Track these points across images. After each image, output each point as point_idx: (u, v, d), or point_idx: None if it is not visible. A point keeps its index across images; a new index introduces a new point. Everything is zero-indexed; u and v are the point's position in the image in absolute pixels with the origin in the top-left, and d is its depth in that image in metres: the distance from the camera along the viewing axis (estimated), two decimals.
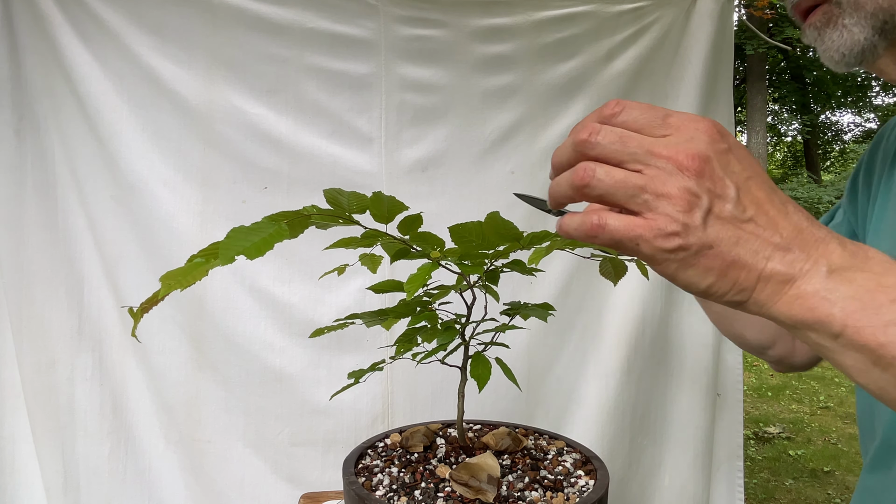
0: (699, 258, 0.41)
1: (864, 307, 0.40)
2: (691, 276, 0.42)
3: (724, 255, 0.41)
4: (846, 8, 0.61)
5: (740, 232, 0.42)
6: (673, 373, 1.79)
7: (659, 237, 0.41)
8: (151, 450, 1.55)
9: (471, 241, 0.76)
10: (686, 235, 0.41)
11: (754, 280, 0.42)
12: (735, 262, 0.41)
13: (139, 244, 1.52)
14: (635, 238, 0.41)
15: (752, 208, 0.42)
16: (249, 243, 0.54)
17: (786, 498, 3.34)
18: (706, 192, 0.41)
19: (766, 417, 4.59)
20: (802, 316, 0.41)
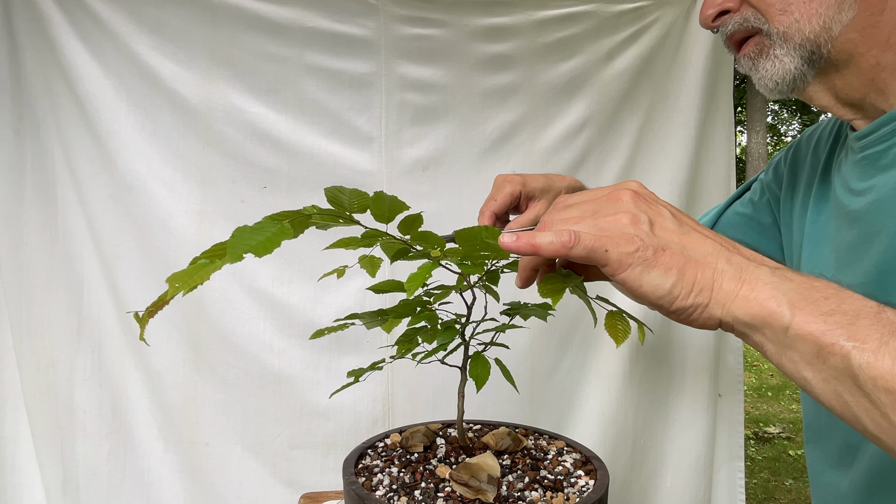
0: (657, 259, 0.48)
1: (805, 299, 0.44)
2: (655, 277, 0.48)
3: (677, 255, 0.48)
4: (776, 39, 0.65)
5: (684, 239, 0.49)
6: (674, 374, 1.79)
7: (621, 243, 0.48)
8: (150, 451, 1.54)
9: (476, 245, 0.76)
10: (641, 240, 0.48)
11: (710, 277, 0.47)
12: (690, 261, 0.48)
13: (138, 244, 1.52)
14: (603, 245, 0.48)
15: (687, 226, 0.50)
16: (256, 241, 0.55)
17: (786, 498, 3.34)
18: (644, 212, 0.50)
19: (766, 417, 4.59)
20: (758, 309, 0.45)
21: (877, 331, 0.41)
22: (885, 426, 0.41)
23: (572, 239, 0.49)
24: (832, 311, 0.43)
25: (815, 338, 0.43)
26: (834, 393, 0.43)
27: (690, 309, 0.48)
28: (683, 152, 1.74)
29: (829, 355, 0.42)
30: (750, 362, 6.04)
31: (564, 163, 1.71)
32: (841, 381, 0.42)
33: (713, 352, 1.78)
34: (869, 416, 0.41)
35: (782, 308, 0.44)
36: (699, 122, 1.74)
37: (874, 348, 0.41)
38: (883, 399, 0.40)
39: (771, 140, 19.23)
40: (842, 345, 0.42)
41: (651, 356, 1.75)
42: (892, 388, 0.39)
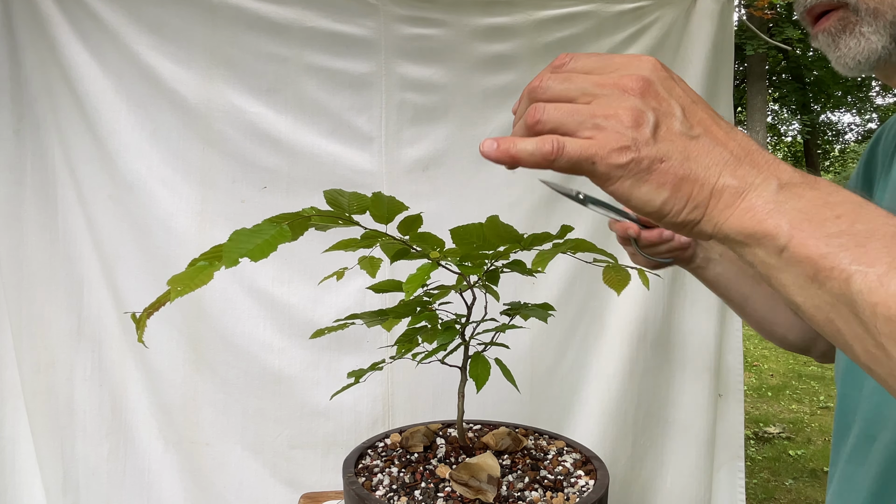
0: (651, 173, 0.43)
1: (810, 220, 0.40)
2: (646, 192, 0.43)
3: (675, 168, 0.43)
4: (864, 16, 0.61)
5: (690, 147, 0.43)
6: (675, 374, 1.79)
7: (612, 153, 0.42)
8: (150, 451, 1.54)
9: (472, 243, 0.76)
10: (637, 149, 0.42)
11: (707, 194, 0.43)
12: (687, 177, 0.43)
13: (138, 244, 1.52)
14: (590, 157, 0.43)
15: (699, 127, 0.44)
16: (253, 245, 0.54)
17: (786, 498, 3.34)
18: (652, 109, 0.43)
19: (766, 417, 4.59)
20: (753, 229, 0.41)
21: (889, 253, 0.37)
22: (878, 356, 0.37)
23: (555, 150, 0.44)
24: (840, 231, 0.39)
25: (812, 261, 0.39)
26: (826, 319, 0.40)
27: (685, 224, 0.45)
28: None
29: (826, 280, 0.38)
30: (750, 362, 6.04)
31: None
32: (836, 308, 0.39)
33: (713, 352, 1.78)
34: (862, 346, 0.38)
35: (780, 229, 0.40)
36: None
37: (881, 272, 0.36)
38: (881, 327, 0.36)
39: (771, 140, 19.23)
40: (843, 268, 0.38)
41: (652, 356, 1.75)
42: (892, 316, 0.36)
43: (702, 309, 1.78)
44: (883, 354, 0.37)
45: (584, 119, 0.44)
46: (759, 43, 10.00)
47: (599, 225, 1.71)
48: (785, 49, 3.22)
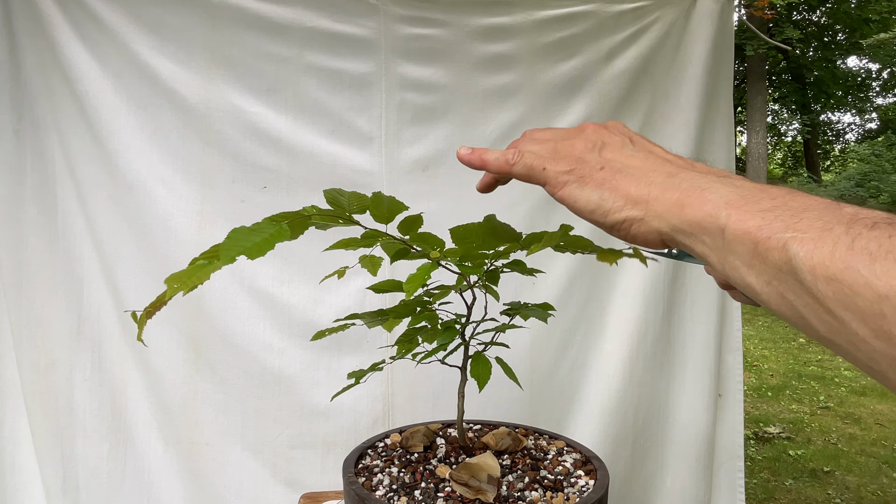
0: (592, 177, 0.50)
1: (747, 200, 0.42)
2: (587, 193, 0.49)
3: (613, 172, 0.49)
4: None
5: (630, 158, 0.50)
6: (675, 374, 1.79)
7: (560, 162, 0.52)
8: (150, 451, 1.54)
9: (471, 243, 0.76)
10: (581, 161, 0.51)
11: (645, 192, 0.47)
12: (625, 176, 0.49)
13: (138, 244, 1.52)
14: (542, 164, 0.52)
15: (643, 150, 0.51)
16: (251, 243, 0.54)
17: (786, 498, 3.34)
18: (600, 138, 0.52)
19: (766, 417, 4.59)
20: (694, 215, 0.44)
21: (821, 220, 0.38)
22: (833, 324, 0.37)
23: (514, 157, 0.54)
24: (774, 207, 0.40)
25: (750, 235, 0.40)
26: (778, 296, 0.40)
27: (626, 223, 0.48)
28: (683, 152, 1.74)
29: (766, 251, 0.39)
30: (750, 362, 6.04)
31: None
32: (782, 280, 0.39)
33: (713, 352, 1.78)
34: (815, 315, 0.38)
35: (718, 209, 0.42)
36: (699, 122, 1.74)
37: (815, 237, 0.37)
38: (823, 290, 0.36)
39: (771, 140, 19.23)
40: (778, 237, 0.39)
41: (652, 356, 1.75)
42: (832, 276, 0.36)
43: (702, 309, 1.78)
44: (834, 321, 0.37)
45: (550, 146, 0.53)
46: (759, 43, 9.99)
47: None
48: (785, 49, 3.22)
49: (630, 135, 0.53)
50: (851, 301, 0.35)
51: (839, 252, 0.36)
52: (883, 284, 0.34)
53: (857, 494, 3.37)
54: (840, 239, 0.36)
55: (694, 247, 0.45)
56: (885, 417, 4.55)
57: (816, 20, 14.49)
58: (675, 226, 0.45)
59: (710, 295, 1.78)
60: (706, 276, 1.78)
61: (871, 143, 15.29)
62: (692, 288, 1.78)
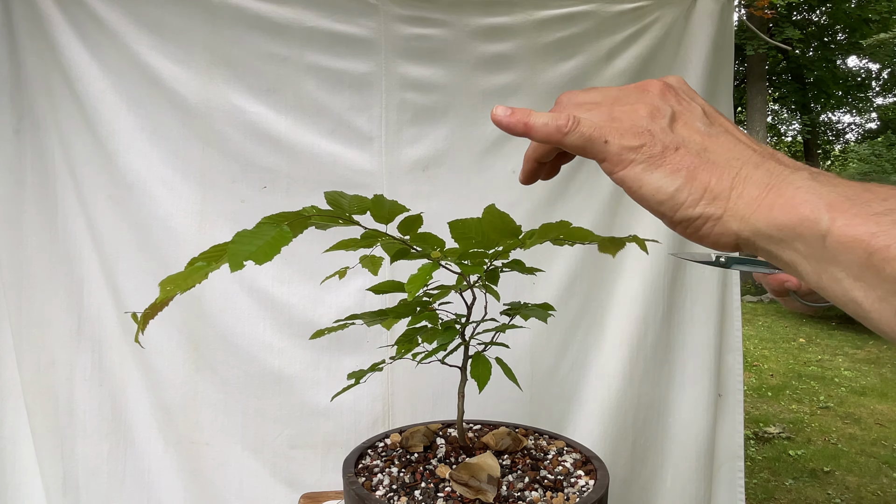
0: (665, 158, 0.41)
1: (852, 200, 0.36)
2: (658, 178, 0.41)
3: (691, 156, 0.41)
4: None
5: (709, 140, 0.42)
6: (675, 374, 1.79)
7: (626, 135, 0.42)
8: (150, 451, 1.54)
9: (471, 238, 0.76)
10: (651, 134, 0.42)
11: (728, 185, 0.40)
12: (706, 163, 0.41)
13: (138, 244, 1.52)
14: (603, 135, 0.42)
15: (720, 127, 0.43)
16: (255, 248, 0.54)
17: (786, 498, 3.34)
18: (670, 106, 0.43)
19: (766, 417, 4.59)
20: (786, 219, 0.37)
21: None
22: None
23: (570, 123, 0.43)
24: (888, 209, 0.34)
25: (862, 243, 0.34)
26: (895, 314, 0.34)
27: (699, 221, 0.41)
28: None
29: (883, 262, 0.33)
30: (750, 362, 6.04)
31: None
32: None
33: (713, 352, 1.78)
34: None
35: (818, 212, 0.35)
36: None
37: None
38: None
39: (771, 140, 19.23)
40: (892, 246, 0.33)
41: (652, 356, 1.75)
42: None
43: (702, 309, 1.78)
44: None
45: (604, 112, 0.43)
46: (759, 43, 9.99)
47: (599, 225, 1.71)
48: (785, 49, 3.22)
49: (703, 105, 0.44)
50: None
51: None
52: None
53: (857, 494, 3.37)
54: None
55: (781, 254, 0.38)
56: (885, 417, 4.55)
57: (816, 20, 14.49)
58: (760, 230, 0.38)
59: (710, 295, 1.78)
60: (707, 276, 1.79)
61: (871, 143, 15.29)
62: (692, 288, 1.78)
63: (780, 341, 6.95)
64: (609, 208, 1.72)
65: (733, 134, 0.43)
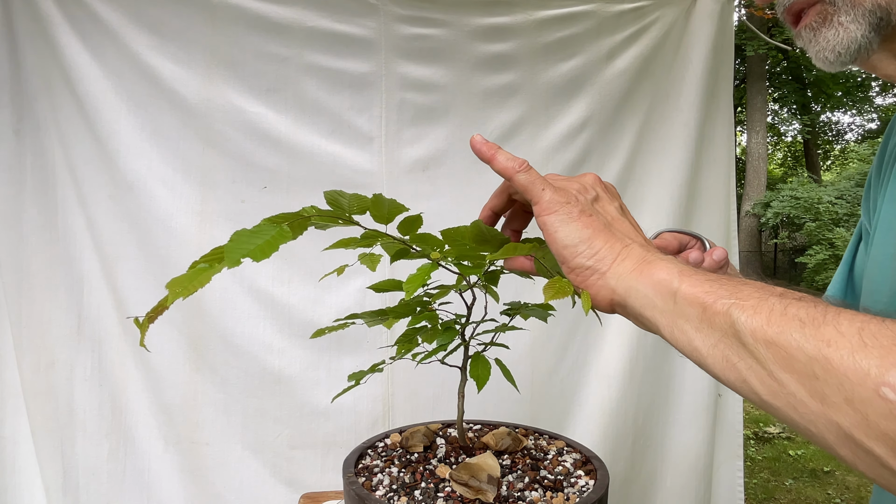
0: (580, 218, 0.55)
1: (694, 274, 0.49)
2: (570, 230, 0.54)
3: (599, 223, 0.55)
4: (841, 6, 0.61)
5: (615, 220, 0.57)
6: (674, 374, 1.79)
7: (559, 192, 0.56)
8: (150, 451, 1.54)
9: (463, 244, 0.76)
10: (576, 200, 0.56)
11: (616, 251, 0.53)
12: (606, 232, 0.54)
13: (138, 244, 1.52)
14: (541, 184, 0.57)
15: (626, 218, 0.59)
16: (254, 245, 0.54)
17: (786, 498, 3.34)
18: (596, 190, 0.59)
19: (767, 417, 4.59)
20: (649, 281, 0.50)
21: (758, 293, 0.43)
22: (773, 387, 0.40)
23: (523, 167, 0.58)
24: (718, 280, 0.47)
25: (699, 300, 0.45)
26: (723, 358, 0.44)
27: (588, 271, 0.54)
28: (683, 152, 1.74)
29: (713, 315, 0.44)
30: None
31: (565, 162, 1.71)
32: (727, 342, 0.43)
33: None
34: (757, 378, 0.41)
35: (672, 277, 0.48)
36: (699, 122, 1.74)
37: (754, 304, 0.42)
38: (764, 353, 0.40)
39: (771, 140, 19.23)
40: (724, 301, 0.44)
41: (651, 356, 1.75)
42: (770, 340, 0.40)
43: None
44: (775, 383, 0.40)
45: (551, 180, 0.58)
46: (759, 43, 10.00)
47: None
48: (785, 49, 3.22)
49: (621, 202, 0.60)
50: (788, 363, 0.39)
51: (774, 318, 0.41)
52: (812, 347, 0.38)
53: (857, 494, 3.37)
54: (775, 307, 0.41)
55: (644, 312, 0.50)
56: None
57: None
58: (632, 286, 0.51)
59: None
60: None
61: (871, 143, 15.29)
62: None
63: None
64: None
65: (634, 225, 0.58)
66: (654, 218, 1.72)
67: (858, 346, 0.36)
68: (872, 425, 0.35)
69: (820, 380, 0.37)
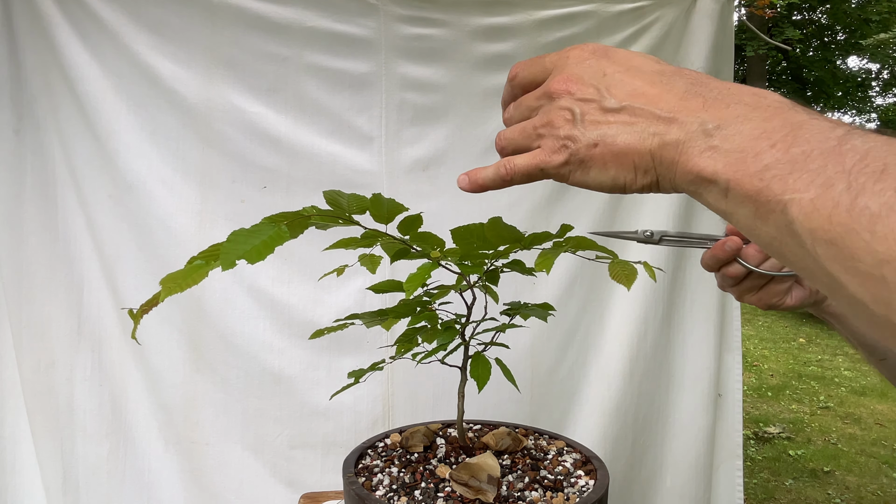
0: (592, 158, 0.47)
1: (744, 158, 0.40)
2: (596, 175, 0.47)
3: (610, 146, 0.46)
4: None
5: (616, 124, 0.46)
6: (674, 374, 1.79)
7: (552, 156, 0.48)
8: (150, 451, 1.54)
9: (472, 243, 0.76)
10: (571, 145, 0.47)
11: (649, 158, 0.45)
12: (623, 149, 0.46)
13: (138, 244, 1.52)
14: (537, 166, 0.49)
15: (624, 99, 0.46)
16: (250, 246, 0.54)
17: (786, 498, 3.34)
18: (577, 102, 0.48)
19: (766, 417, 4.59)
20: (695, 177, 0.42)
21: (822, 174, 0.35)
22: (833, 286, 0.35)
23: (508, 171, 0.51)
24: (774, 161, 0.38)
25: (751, 198, 0.39)
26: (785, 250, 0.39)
27: (647, 187, 0.47)
28: None
29: (767, 214, 0.38)
30: (750, 362, 6.04)
31: None
32: (785, 243, 0.38)
33: (713, 351, 1.78)
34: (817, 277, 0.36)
35: (717, 174, 0.41)
36: None
37: (814, 195, 0.35)
38: (821, 252, 0.35)
39: None
40: (778, 199, 0.37)
41: (652, 356, 1.75)
42: (831, 240, 0.34)
43: (701, 309, 1.78)
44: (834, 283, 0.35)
45: (530, 133, 0.50)
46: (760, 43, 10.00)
47: (599, 225, 1.71)
48: (785, 49, 3.22)
49: (604, 69, 0.48)
50: (852, 265, 0.33)
51: (839, 215, 0.34)
52: (885, 249, 0.31)
53: (857, 494, 3.37)
54: (841, 199, 0.34)
55: (704, 197, 0.43)
56: (885, 417, 4.55)
57: (816, 20, 14.49)
58: (682, 187, 0.44)
59: (709, 295, 1.78)
60: (706, 276, 1.79)
61: None
62: (692, 288, 1.78)
63: (780, 341, 6.95)
64: (609, 208, 1.72)
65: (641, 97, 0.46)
66: (654, 217, 1.72)
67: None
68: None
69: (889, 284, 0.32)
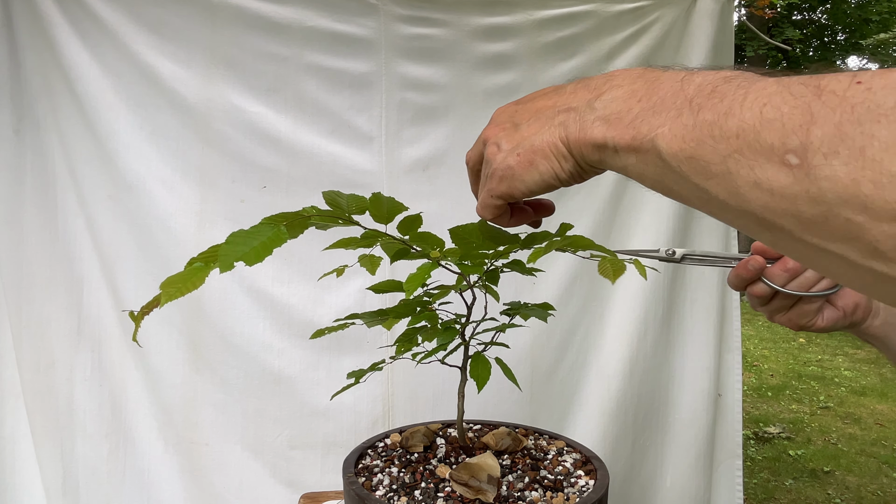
0: (519, 164, 0.53)
1: (620, 117, 0.46)
2: (527, 176, 0.53)
3: (528, 147, 0.53)
4: None
5: (524, 132, 0.54)
6: (674, 374, 1.79)
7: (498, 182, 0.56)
8: (150, 451, 1.54)
9: (471, 243, 0.76)
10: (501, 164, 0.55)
11: (562, 145, 0.51)
12: (539, 145, 0.52)
13: (138, 244, 1.52)
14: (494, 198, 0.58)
15: (531, 114, 0.55)
16: (249, 248, 0.54)
17: (786, 498, 3.34)
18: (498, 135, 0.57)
19: (766, 417, 4.59)
20: (594, 147, 0.48)
21: (673, 108, 0.41)
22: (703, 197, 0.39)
23: (483, 212, 0.61)
24: (640, 111, 0.44)
25: (632, 147, 0.44)
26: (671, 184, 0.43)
27: (575, 175, 0.52)
28: None
29: (646, 154, 0.43)
30: (750, 362, 6.04)
31: None
32: (665, 175, 0.42)
33: (713, 352, 1.78)
34: (694, 193, 0.41)
35: (605, 136, 0.46)
36: None
37: (670, 125, 0.41)
38: (686, 170, 0.40)
39: None
40: (646, 138, 0.43)
41: (651, 356, 1.75)
42: (689, 156, 0.39)
43: (701, 309, 1.78)
44: (703, 193, 0.39)
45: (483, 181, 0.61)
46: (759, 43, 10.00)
47: (599, 225, 1.71)
48: (785, 49, 3.22)
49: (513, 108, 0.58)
50: (707, 169, 0.38)
51: (689, 133, 0.39)
52: (725, 147, 0.36)
53: (857, 494, 3.37)
54: (687, 120, 0.40)
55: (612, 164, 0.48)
56: (885, 417, 4.55)
57: (816, 20, 14.49)
58: (592, 161, 0.49)
59: (709, 295, 1.78)
60: (706, 277, 1.79)
61: None
62: (692, 288, 1.78)
63: (780, 341, 6.95)
64: (609, 208, 1.72)
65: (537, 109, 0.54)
66: (654, 220, 1.72)
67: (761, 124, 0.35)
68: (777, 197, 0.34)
69: (733, 174, 0.36)
